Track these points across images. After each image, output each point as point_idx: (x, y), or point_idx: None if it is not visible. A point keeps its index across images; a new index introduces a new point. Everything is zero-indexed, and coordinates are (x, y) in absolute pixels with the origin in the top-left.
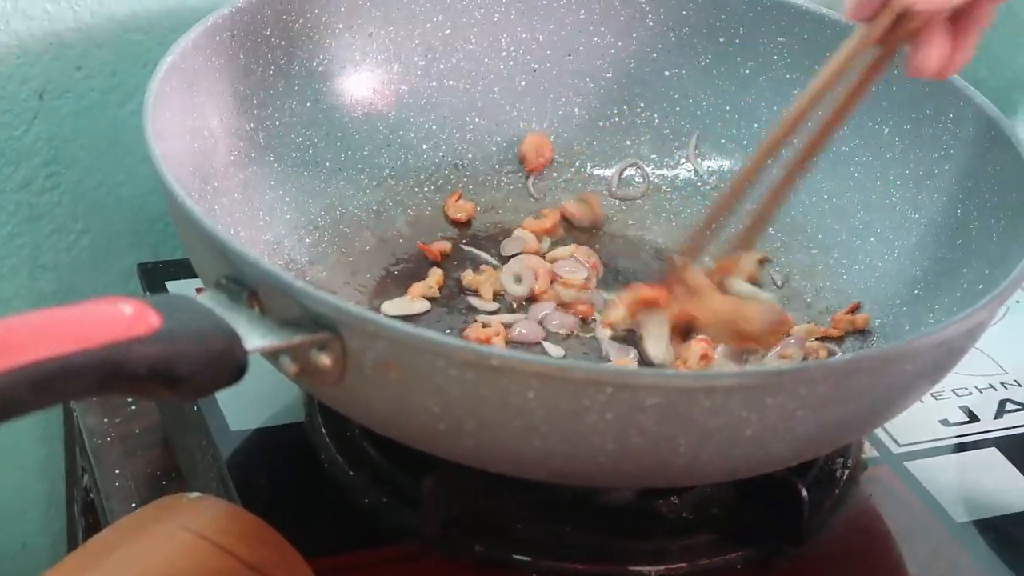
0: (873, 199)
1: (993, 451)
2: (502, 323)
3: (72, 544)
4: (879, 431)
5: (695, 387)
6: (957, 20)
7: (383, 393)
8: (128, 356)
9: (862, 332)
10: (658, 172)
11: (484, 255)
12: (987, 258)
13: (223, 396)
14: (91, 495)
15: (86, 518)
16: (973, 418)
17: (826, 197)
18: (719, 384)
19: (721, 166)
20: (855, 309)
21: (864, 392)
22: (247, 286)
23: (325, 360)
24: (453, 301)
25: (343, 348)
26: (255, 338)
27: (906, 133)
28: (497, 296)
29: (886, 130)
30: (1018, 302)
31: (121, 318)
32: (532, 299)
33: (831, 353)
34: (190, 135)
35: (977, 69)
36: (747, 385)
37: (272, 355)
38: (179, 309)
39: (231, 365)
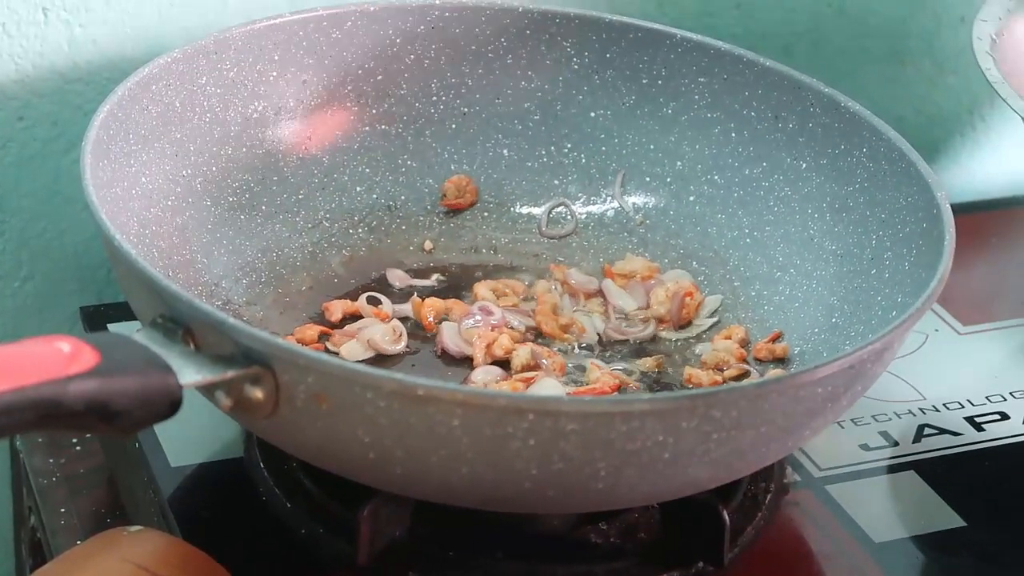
0: (792, 232)
1: (912, 474)
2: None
3: None
4: (800, 456)
5: (611, 412)
6: None
7: (315, 425)
8: (66, 392)
9: (782, 360)
10: (585, 210)
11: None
12: (900, 286)
13: (164, 433)
14: (38, 535)
15: (33, 558)
16: (892, 443)
17: (747, 231)
18: (634, 409)
19: (646, 203)
20: (776, 339)
21: (777, 415)
22: (181, 324)
23: (258, 394)
24: None
25: (275, 382)
26: (190, 373)
27: (823, 168)
28: None
29: (803, 165)
30: (937, 330)
31: (59, 355)
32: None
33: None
34: (128, 182)
35: (900, 108)
36: (661, 409)
37: (207, 390)
38: (116, 346)
39: (167, 399)
